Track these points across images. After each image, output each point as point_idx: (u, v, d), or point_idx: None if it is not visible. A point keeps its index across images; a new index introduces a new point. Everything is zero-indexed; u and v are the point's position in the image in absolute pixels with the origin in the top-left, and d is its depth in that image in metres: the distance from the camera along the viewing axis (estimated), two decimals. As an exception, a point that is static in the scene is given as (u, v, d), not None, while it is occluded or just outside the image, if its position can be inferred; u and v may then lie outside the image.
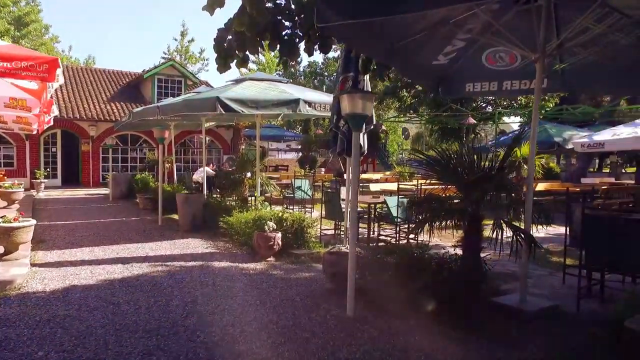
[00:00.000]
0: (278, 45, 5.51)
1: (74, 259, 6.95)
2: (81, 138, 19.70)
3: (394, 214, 8.89)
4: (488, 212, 5.12)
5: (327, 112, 9.38)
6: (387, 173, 23.65)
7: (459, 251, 5.12)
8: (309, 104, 9.06)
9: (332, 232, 9.26)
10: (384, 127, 31.07)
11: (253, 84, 9.55)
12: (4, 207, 12.15)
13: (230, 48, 5.37)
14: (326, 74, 53.25)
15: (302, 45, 5.62)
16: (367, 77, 7.71)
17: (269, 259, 7.15)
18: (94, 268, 6.41)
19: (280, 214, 7.94)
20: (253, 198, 11.32)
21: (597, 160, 25.79)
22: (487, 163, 5.22)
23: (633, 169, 22.23)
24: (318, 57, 53.20)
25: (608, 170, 23.93)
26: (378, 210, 9.44)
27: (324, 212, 9.35)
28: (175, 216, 11.19)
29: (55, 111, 9.90)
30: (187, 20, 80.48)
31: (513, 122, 27.61)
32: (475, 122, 16.93)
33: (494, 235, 4.67)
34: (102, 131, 20.02)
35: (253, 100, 8.44)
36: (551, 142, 14.98)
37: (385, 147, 30.62)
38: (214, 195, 11.27)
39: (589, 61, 6.21)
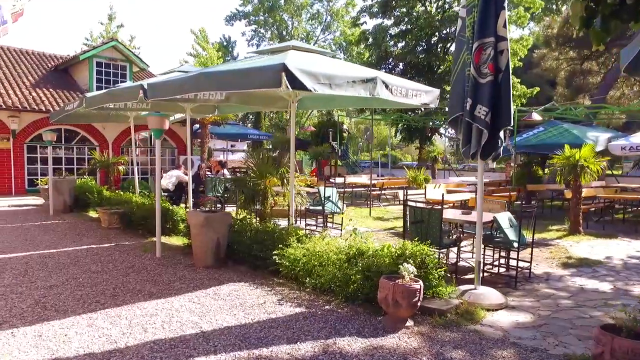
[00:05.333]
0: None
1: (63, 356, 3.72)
2: (-2, 133, 15.32)
3: (511, 237, 6.48)
4: None
5: (406, 99, 6.78)
6: (366, 176, 21.27)
7: None
8: (386, 85, 6.41)
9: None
10: (345, 127, 28.76)
11: (302, 54, 6.66)
12: None
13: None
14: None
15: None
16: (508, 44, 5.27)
17: (407, 323, 4.39)
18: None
19: (393, 248, 5.17)
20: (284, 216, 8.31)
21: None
22: None
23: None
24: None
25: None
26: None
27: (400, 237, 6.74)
28: (168, 240, 8.06)
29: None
30: (116, 3, 71.69)
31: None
32: (540, 118, 14.96)
33: None
34: (27, 124, 15.76)
35: (326, 74, 5.60)
36: (582, 144, 13.39)
37: (347, 147, 28.30)
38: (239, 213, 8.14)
39: None
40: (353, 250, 5.25)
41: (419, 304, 4.39)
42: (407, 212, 7.07)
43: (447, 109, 24.13)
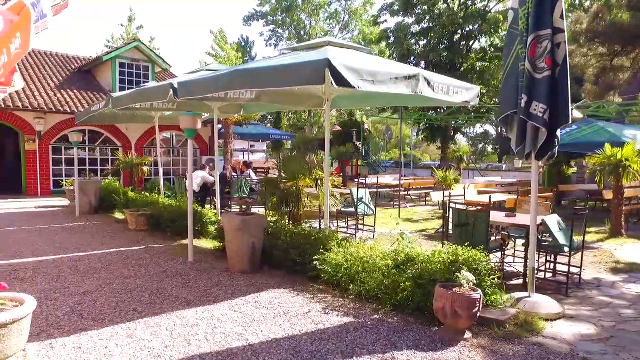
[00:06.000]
0: None
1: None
2: (24, 134, 15.33)
3: (562, 241, 6.13)
4: None
5: (447, 97, 6.48)
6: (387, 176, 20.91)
7: None
8: (428, 82, 6.12)
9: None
10: (367, 127, 28.43)
11: (341, 51, 6.39)
12: None
13: None
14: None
15: None
16: (565, 36, 4.98)
17: (466, 335, 4.10)
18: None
19: (445, 254, 4.86)
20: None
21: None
22: None
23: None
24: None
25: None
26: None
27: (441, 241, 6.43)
28: (198, 242, 7.87)
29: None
30: (135, 5, 72.07)
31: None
32: (582, 116, 14.51)
33: None
34: (52, 125, 15.78)
35: (369, 71, 5.32)
36: (619, 143, 12.87)
37: (369, 147, 27.94)
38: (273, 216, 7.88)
39: None
40: (401, 256, 4.97)
41: (478, 314, 4.09)
42: (450, 214, 6.80)
43: (470, 108, 23.56)
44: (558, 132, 5.01)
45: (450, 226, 7.55)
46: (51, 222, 10.51)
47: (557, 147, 5.08)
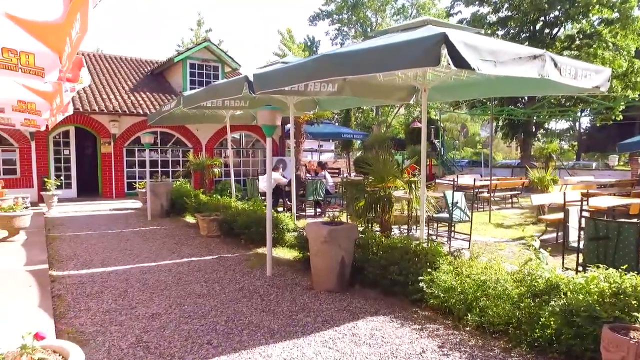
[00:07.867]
0: None
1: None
2: (100, 137, 15.40)
3: None
4: None
5: (575, 81, 5.22)
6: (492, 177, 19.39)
7: None
8: (555, 63, 4.91)
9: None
10: (441, 124, 26.86)
11: (450, 30, 5.34)
12: (2, 240, 7.98)
13: None
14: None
15: None
16: None
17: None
18: None
19: (601, 282, 3.69)
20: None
21: None
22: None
23: None
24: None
25: None
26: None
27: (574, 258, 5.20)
28: (274, 251, 7.07)
29: (70, 110, 6.81)
30: (204, 9, 74.38)
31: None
32: None
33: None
34: (126, 128, 15.77)
35: (490, 49, 4.22)
36: None
37: (443, 145, 26.36)
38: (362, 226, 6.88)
39: None
40: (541, 282, 3.86)
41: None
42: (571, 222, 5.59)
43: (554, 100, 21.32)
44: None
45: (572, 237, 6.33)
46: (123, 225, 10.19)
47: None
